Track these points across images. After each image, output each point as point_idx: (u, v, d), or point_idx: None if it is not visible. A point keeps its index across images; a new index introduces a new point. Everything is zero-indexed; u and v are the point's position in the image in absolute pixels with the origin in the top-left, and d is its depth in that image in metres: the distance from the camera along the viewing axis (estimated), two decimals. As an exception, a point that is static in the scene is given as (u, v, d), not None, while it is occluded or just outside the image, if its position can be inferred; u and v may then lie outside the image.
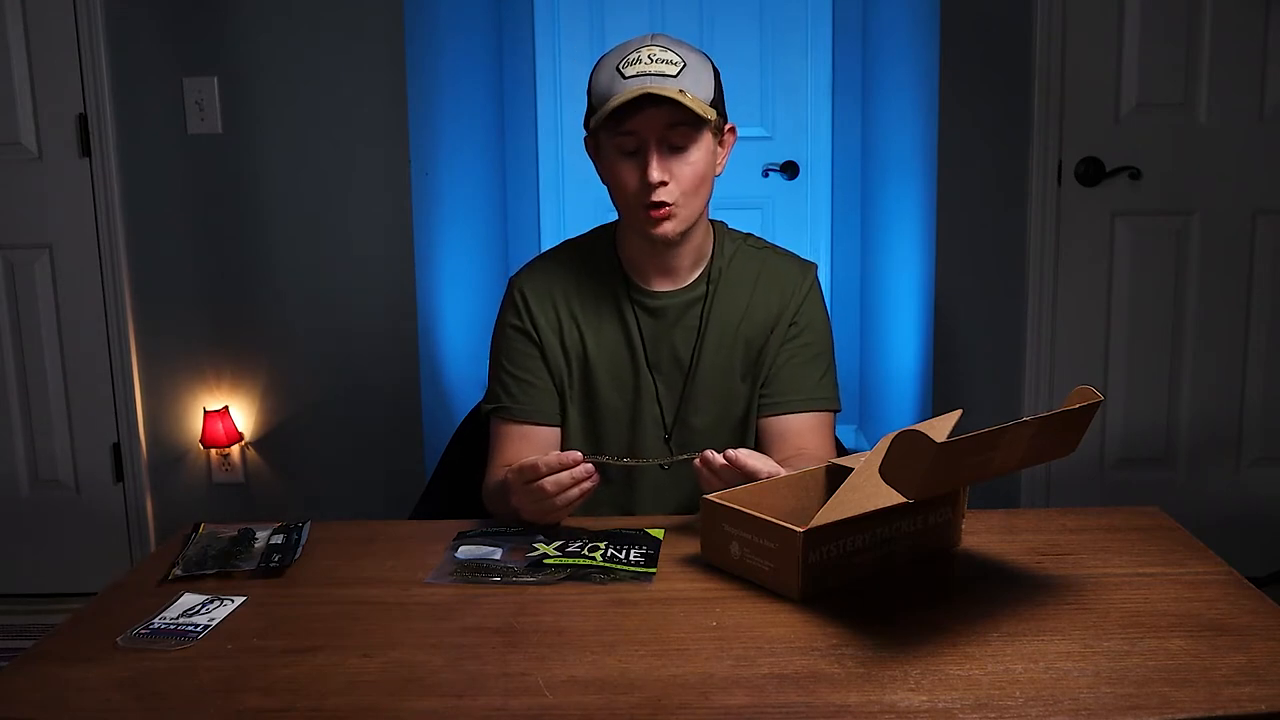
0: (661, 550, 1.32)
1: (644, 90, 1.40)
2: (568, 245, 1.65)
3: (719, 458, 1.34)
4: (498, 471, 1.50)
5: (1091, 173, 2.65)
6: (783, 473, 1.36)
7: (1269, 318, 2.73)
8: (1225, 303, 2.73)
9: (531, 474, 1.32)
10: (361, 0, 2.67)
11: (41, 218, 2.76)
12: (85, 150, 2.72)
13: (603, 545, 1.32)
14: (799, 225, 3.97)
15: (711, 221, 1.61)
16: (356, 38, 2.68)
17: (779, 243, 1.67)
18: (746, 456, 1.34)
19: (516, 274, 1.63)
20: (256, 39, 2.68)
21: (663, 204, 1.45)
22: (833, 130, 3.92)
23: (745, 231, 1.65)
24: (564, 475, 1.31)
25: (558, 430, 1.59)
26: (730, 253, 1.60)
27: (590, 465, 1.32)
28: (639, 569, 1.27)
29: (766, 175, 3.93)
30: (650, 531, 1.38)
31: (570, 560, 1.28)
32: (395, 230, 2.75)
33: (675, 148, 1.45)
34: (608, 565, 1.27)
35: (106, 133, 2.69)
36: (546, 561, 1.28)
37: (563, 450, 1.54)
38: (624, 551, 1.31)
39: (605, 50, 1.51)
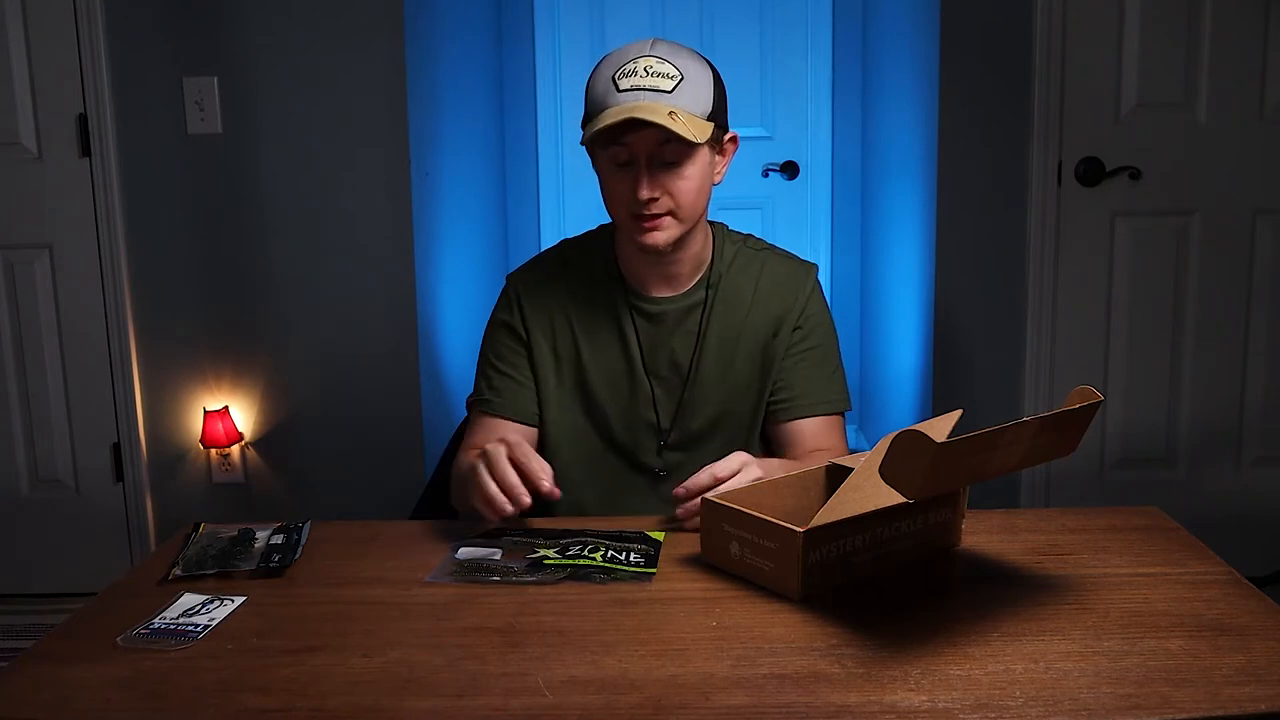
0: (661, 550, 1.32)
1: (632, 114, 1.37)
2: (566, 246, 1.64)
3: (690, 501, 1.33)
4: (467, 454, 1.48)
5: (1091, 173, 2.65)
6: (756, 468, 1.36)
7: (1269, 318, 2.73)
8: (1225, 303, 2.72)
9: (501, 457, 1.30)
10: (361, 0, 2.67)
11: (41, 218, 2.76)
12: (85, 150, 2.72)
13: (603, 546, 1.32)
14: (799, 225, 3.97)
15: (711, 224, 1.59)
16: (356, 38, 2.68)
17: (779, 243, 1.67)
18: (708, 476, 1.33)
19: (514, 272, 1.62)
20: (256, 39, 2.68)
21: (654, 215, 1.44)
22: (833, 130, 3.91)
23: (745, 233, 1.64)
24: (513, 477, 1.29)
25: (534, 430, 1.58)
26: (730, 256, 1.58)
27: (549, 484, 1.30)
28: (639, 569, 1.26)
29: (766, 175, 3.92)
30: (650, 533, 1.38)
31: (570, 561, 1.28)
32: (395, 230, 2.75)
33: (668, 164, 1.42)
34: (608, 565, 1.27)
35: (106, 133, 2.69)
36: (546, 562, 1.28)
37: (557, 453, 1.54)
38: (624, 553, 1.31)
39: (605, 51, 1.49)
